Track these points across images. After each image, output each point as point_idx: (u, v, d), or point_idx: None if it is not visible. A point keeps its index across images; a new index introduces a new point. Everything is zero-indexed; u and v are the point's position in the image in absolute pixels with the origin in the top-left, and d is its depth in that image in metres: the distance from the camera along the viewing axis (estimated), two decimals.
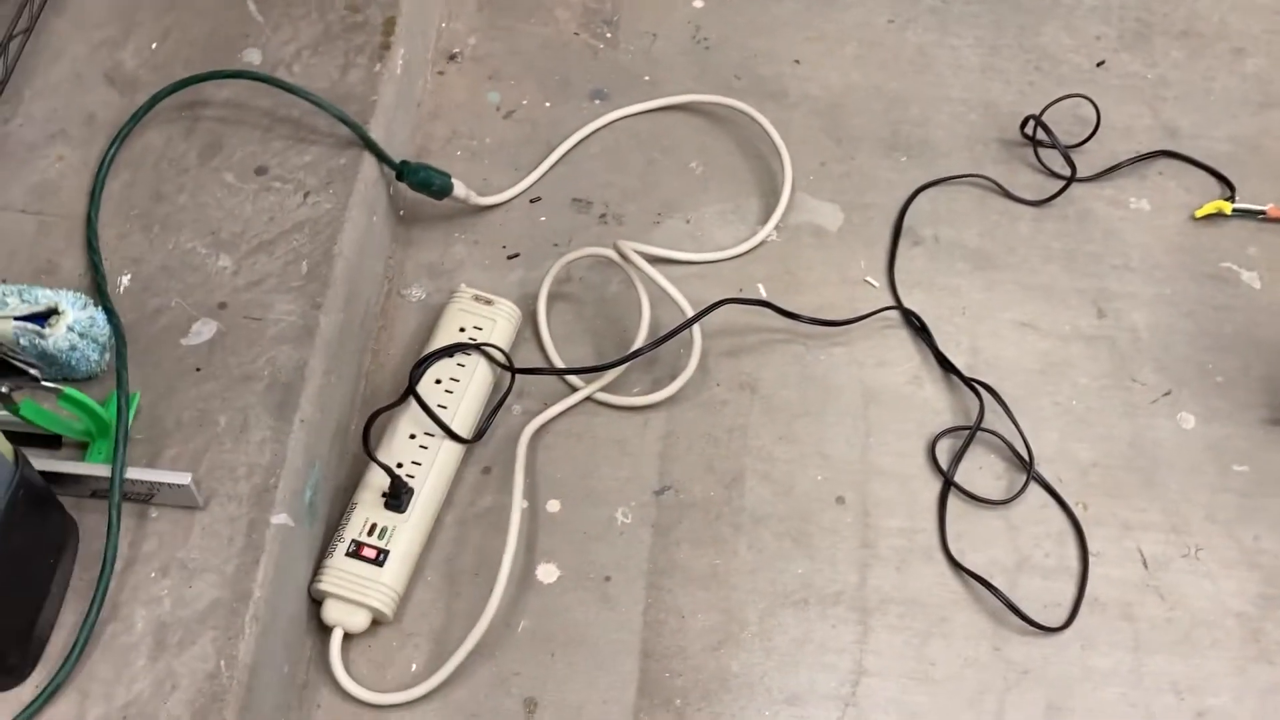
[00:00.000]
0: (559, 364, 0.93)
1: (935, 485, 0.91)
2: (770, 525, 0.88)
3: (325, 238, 0.85)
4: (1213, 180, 1.11)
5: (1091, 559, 0.88)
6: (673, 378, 0.93)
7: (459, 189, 0.96)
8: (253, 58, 0.94)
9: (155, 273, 0.82)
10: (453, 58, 1.12)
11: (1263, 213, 1.09)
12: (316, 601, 0.80)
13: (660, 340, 0.90)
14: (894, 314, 0.99)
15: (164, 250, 0.83)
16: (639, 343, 0.93)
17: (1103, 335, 1.00)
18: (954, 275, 1.03)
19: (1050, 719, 0.82)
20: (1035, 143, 1.11)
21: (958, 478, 0.91)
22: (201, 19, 0.95)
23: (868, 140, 1.11)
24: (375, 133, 0.91)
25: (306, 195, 0.87)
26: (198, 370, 0.78)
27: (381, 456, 0.83)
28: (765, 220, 1.04)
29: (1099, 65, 1.19)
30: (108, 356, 0.77)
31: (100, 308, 0.77)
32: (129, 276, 0.81)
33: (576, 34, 1.15)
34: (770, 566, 0.86)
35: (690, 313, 0.92)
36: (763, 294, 1.00)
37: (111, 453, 0.71)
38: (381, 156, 0.91)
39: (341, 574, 0.79)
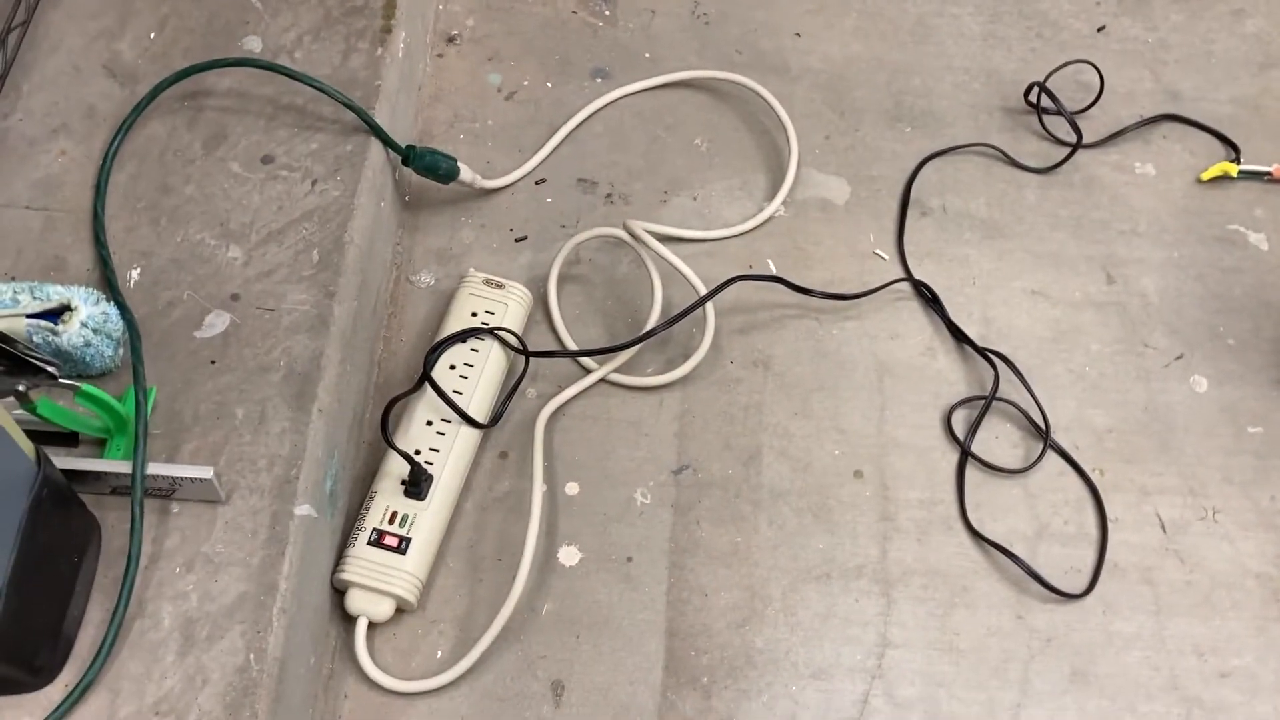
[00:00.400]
0: (571, 346, 0.92)
1: (953, 456, 0.91)
2: (790, 501, 0.88)
3: (335, 225, 0.84)
4: (1217, 142, 1.11)
5: (1110, 525, 0.89)
6: (686, 357, 0.92)
7: (465, 173, 0.95)
8: (253, 45, 0.92)
9: (165, 266, 0.81)
10: (451, 40, 1.11)
11: (1268, 174, 1.09)
12: (340, 591, 0.80)
13: (673, 320, 0.89)
14: (905, 286, 0.99)
15: (173, 243, 0.82)
16: (651, 323, 0.92)
17: (1113, 301, 1.00)
18: (963, 245, 1.03)
19: (1075, 685, 0.82)
20: (1039, 110, 1.11)
21: (974, 448, 0.91)
22: (199, 7, 0.94)
23: (871, 112, 1.10)
24: (380, 118, 0.90)
25: (314, 183, 0.86)
26: (213, 363, 0.77)
27: (399, 444, 0.82)
28: (772, 196, 1.03)
29: (1100, 30, 1.18)
30: (121, 352, 0.76)
31: (112, 302, 0.76)
32: (138, 270, 0.81)
33: (575, 12, 1.14)
34: (791, 542, 0.86)
35: (703, 291, 0.91)
36: (773, 270, 1.00)
37: (131, 449, 0.71)
38: (388, 142, 0.90)
39: (364, 563, 0.78)
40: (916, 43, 1.15)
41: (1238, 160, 1.09)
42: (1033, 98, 1.11)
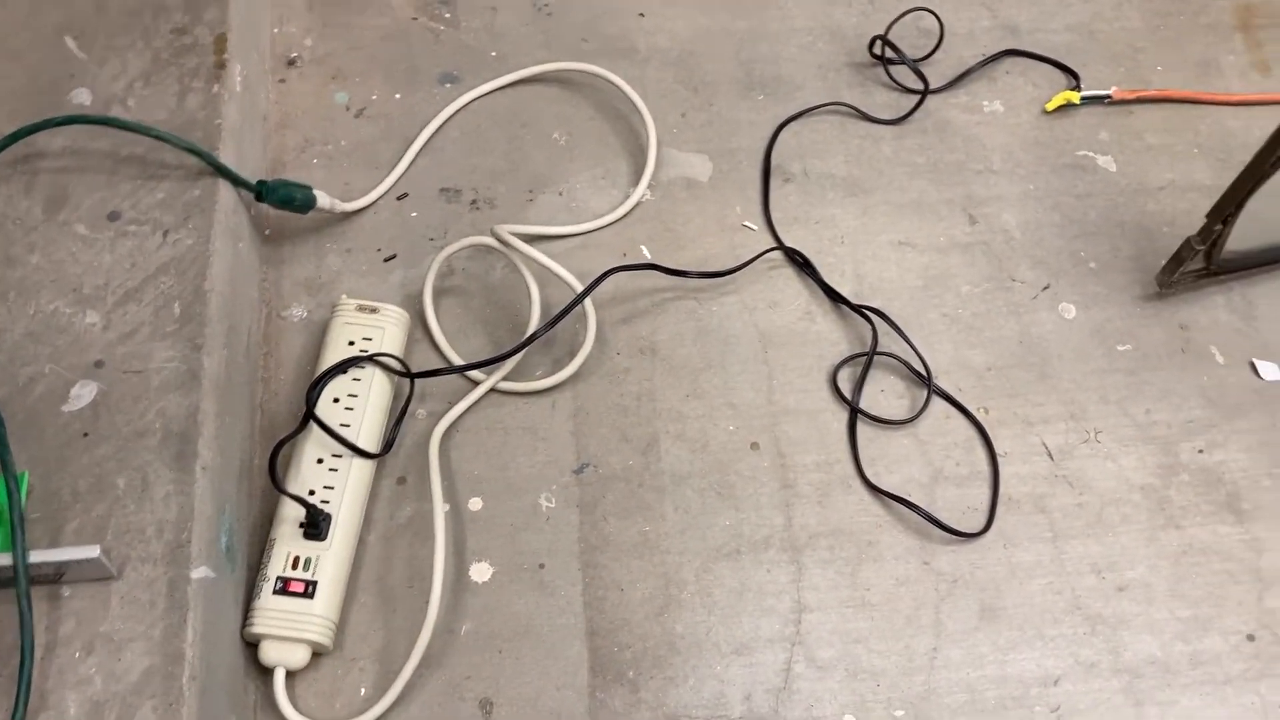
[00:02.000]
0: (456, 361, 0.92)
1: (842, 415, 0.93)
2: (692, 483, 0.89)
3: (193, 275, 0.82)
4: (1058, 72, 1.14)
5: (1000, 460, 0.92)
6: (572, 355, 0.93)
7: (322, 199, 0.94)
8: (82, 98, 0.89)
9: (20, 341, 0.78)
10: (292, 63, 1.08)
11: (1108, 97, 1.12)
12: (253, 645, 0.78)
13: (553, 321, 0.89)
14: (776, 254, 1.01)
15: (25, 316, 0.79)
16: (533, 326, 0.92)
17: (977, 241, 1.03)
18: (828, 206, 1.04)
19: (985, 621, 0.85)
20: (885, 61, 1.13)
21: (862, 404, 0.93)
22: (17, 64, 0.90)
23: (723, 84, 1.11)
24: (226, 157, 0.87)
25: (166, 234, 0.83)
26: (85, 435, 0.75)
27: (291, 486, 0.81)
28: (637, 181, 1.03)
29: None
30: None
31: None
32: None
33: (415, 19, 1.12)
34: (698, 524, 0.88)
35: (579, 288, 0.91)
36: (647, 255, 1.00)
37: (9, 540, 0.68)
38: (237, 180, 0.88)
39: (272, 613, 0.77)
40: (759, 8, 1.16)
41: (1078, 87, 1.13)
42: (877, 50, 1.12)
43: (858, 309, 0.97)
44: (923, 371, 0.95)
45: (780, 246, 1.00)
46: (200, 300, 0.81)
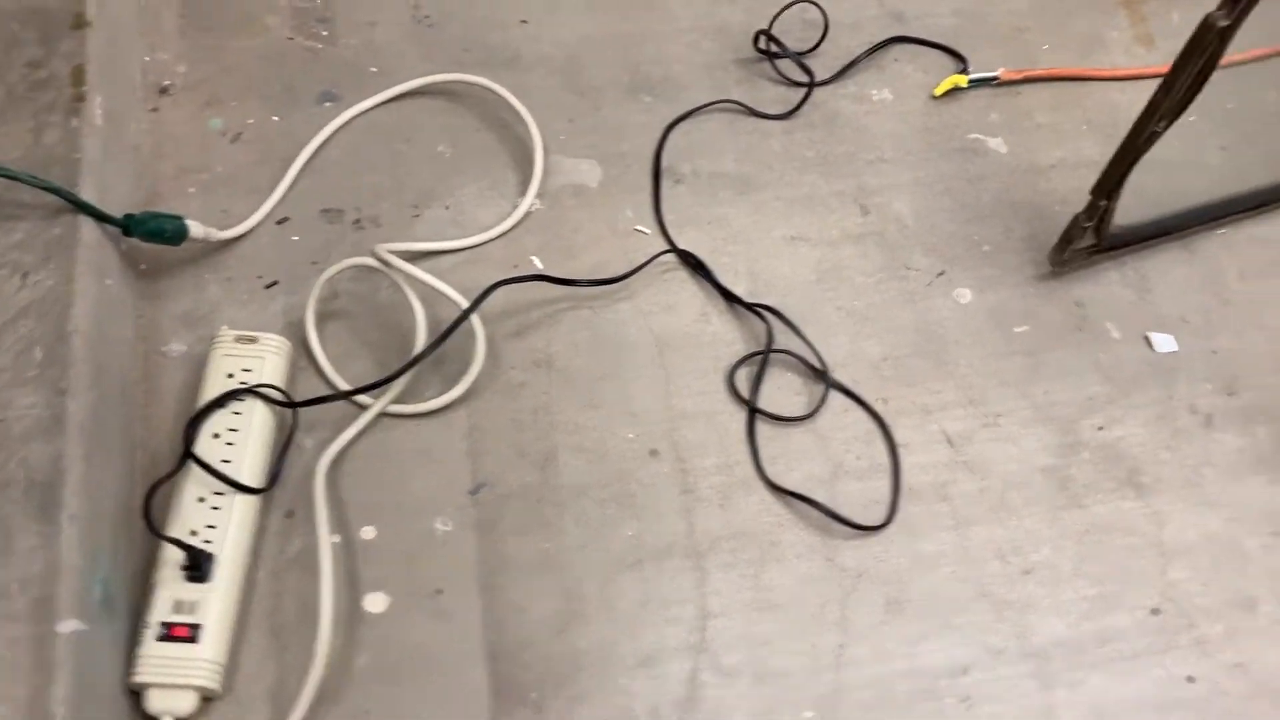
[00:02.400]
0: (342, 386, 0.90)
1: (741, 415, 0.92)
2: (591, 495, 0.88)
3: (55, 317, 0.79)
4: (946, 57, 1.14)
5: (901, 450, 0.91)
6: (464, 373, 0.91)
7: (195, 229, 0.91)
8: None
9: None
10: (164, 91, 1.05)
11: (995, 78, 1.12)
12: (139, 694, 0.76)
13: (439, 340, 0.87)
14: (670, 257, 0.99)
15: None
16: (419, 346, 0.90)
17: (870, 231, 1.02)
18: (719, 205, 1.03)
19: (891, 614, 0.84)
20: (771, 56, 1.12)
21: (761, 403, 0.92)
22: None
23: (610, 88, 1.10)
24: (87, 192, 0.85)
25: (25, 276, 0.80)
26: None
27: (173, 526, 0.79)
28: (525, 191, 1.02)
29: None
30: None
31: None
32: None
33: (291, 38, 1.10)
34: (599, 536, 0.86)
35: (464, 304, 0.89)
36: (538, 265, 0.99)
37: None
38: (100, 216, 0.85)
39: (156, 660, 0.75)
40: (644, 9, 1.15)
41: (966, 70, 1.13)
42: (761, 45, 1.12)
43: (751, 307, 0.96)
44: (819, 366, 0.94)
45: (673, 249, 0.99)
46: (63, 342, 0.78)
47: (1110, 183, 0.90)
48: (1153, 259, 1.02)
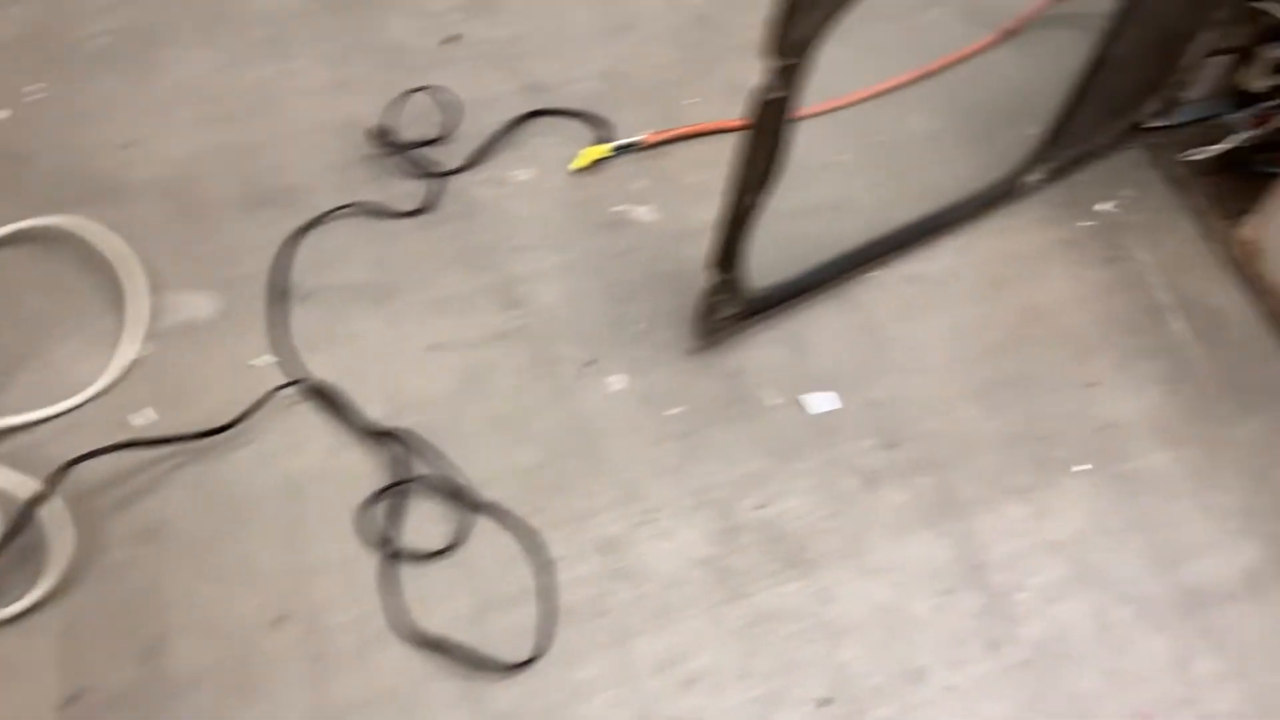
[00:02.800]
0: None
1: (377, 559, 0.84)
2: (209, 682, 0.79)
3: None
4: (587, 126, 1.09)
5: (558, 565, 0.85)
6: (48, 569, 0.81)
7: None
8: None
9: None
10: None
11: (640, 143, 1.08)
12: None
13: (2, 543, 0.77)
14: (293, 389, 0.91)
15: None
16: None
17: (515, 326, 0.97)
18: (353, 320, 0.96)
19: None
20: (399, 149, 1.05)
21: (403, 538, 0.85)
22: None
23: (226, 206, 1.02)
24: None
25: None
26: None
27: None
28: (130, 338, 0.92)
29: (450, 41, 1.14)
30: None
31: None
32: None
33: None
34: None
35: (25, 494, 0.80)
36: (153, 417, 0.90)
37: None
38: None
39: None
40: (260, 115, 1.07)
41: (611, 138, 1.08)
42: (381, 140, 1.05)
43: (385, 433, 0.89)
44: (462, 487, 0.87)
45: (291, 382, 0.91)
46: None
47: (723, 256, 0.87)
48: (807, 313, 0.99)
